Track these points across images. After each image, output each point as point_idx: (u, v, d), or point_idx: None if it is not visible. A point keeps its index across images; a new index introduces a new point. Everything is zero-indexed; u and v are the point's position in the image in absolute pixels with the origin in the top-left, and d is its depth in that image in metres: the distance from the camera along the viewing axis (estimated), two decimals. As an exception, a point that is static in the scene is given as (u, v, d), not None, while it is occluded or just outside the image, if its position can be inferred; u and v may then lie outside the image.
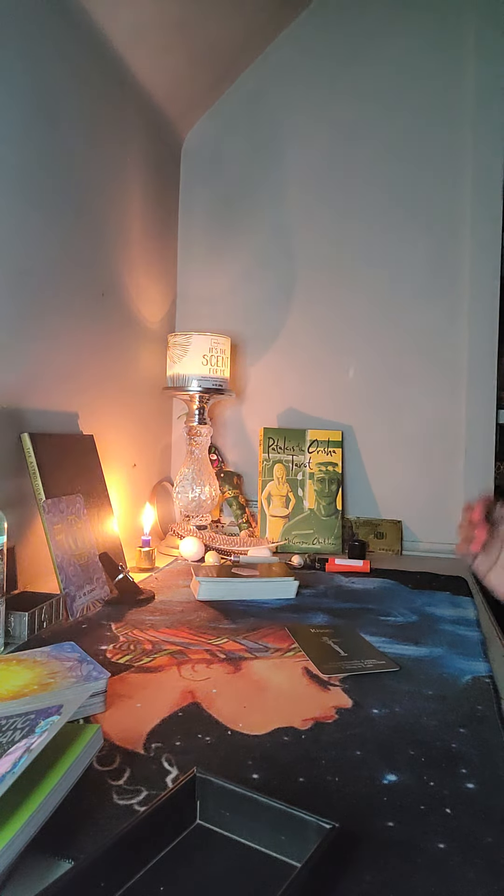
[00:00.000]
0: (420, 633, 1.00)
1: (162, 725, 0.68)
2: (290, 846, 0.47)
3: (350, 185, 1.74)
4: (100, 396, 1.43)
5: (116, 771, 0.59)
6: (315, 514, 1.64)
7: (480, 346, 1.62)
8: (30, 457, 1.10)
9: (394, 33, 1.69)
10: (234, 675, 0.82)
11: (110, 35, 1.36)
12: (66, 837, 0.49)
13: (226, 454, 1.85)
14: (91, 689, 0.69)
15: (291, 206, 1.78)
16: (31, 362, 1.18)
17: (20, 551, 1.11)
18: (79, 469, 1.23)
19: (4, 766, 0.48)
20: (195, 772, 0.52)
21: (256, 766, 0.60)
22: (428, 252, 1.69)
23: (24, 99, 1.12)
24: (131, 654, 0.87)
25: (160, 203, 1.73)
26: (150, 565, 1.37)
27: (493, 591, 0.79)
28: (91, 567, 1.11)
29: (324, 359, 1.77)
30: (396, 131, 1.70)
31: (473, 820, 0.53)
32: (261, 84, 1.79)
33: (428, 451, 1.69)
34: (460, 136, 1.65)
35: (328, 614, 1.09)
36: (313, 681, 0.81)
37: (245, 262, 1.82)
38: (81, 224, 1.33)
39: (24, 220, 1.14)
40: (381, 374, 1.73)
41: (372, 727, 0.69)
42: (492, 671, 0.85)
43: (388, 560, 1.57)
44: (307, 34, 1.75)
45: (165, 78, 1.59)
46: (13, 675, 0.73)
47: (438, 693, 0.78)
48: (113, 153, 1.46)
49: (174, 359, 1.59)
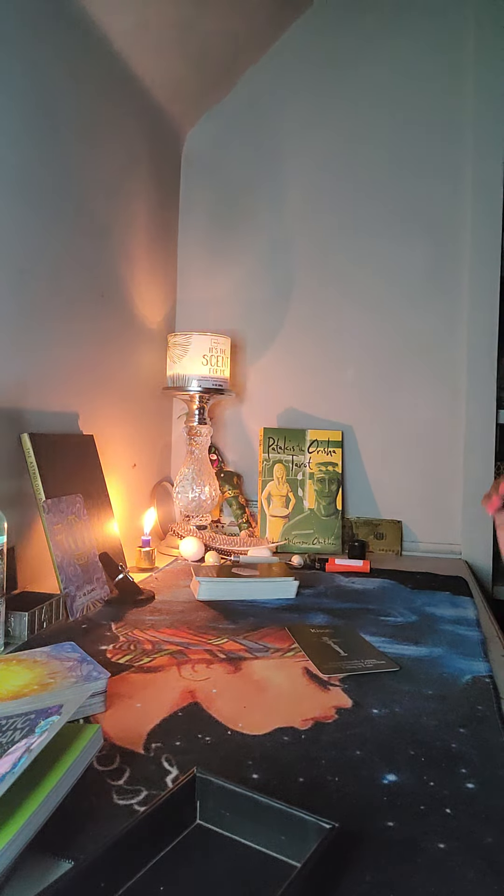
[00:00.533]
0: (420, 632, 1.00)
1: (162, 725, 0.68)
2: (290, 846, 0.47)
3: (350, 185, 1.74)
4: (100, 396, 1.43)
5: (116, 771, 0.59)
6: (315, 514, 1.64)
7: (480, 346, 1.62)
8: (30, 457, 1.10)
9: (394, 35, 1.69)
10: (234, 675, 0.82)
11: (110, 35, 1.36)
12: (66, 837, 0.49)
13: (226, 454, 1.85)
14: (91, 689, 0.69)
15: (291, 206, 1.78)
16: (32, 362, 1.18)
17: (20, 551, 1.11)
18: (79, 469, 1.23)
19: (4, 766, 0.48)
20: (195, 772, 0.52)
21: (256, 766, 0.60)
22: (428, 252, 1.69)
23: (24, 99, 1.12)
24: (131, 654, 0.87)
25: (160, 203, 1.73)
26: (150, 565, 1.37)
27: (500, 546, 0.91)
28: (91, 567, 1.11)
29: (324, 359, 1.77)
30: (396, 132, 1.70)
31: (473, 820, 0.53)
32: (261, 85, 1.79)
33: (428, 452, 1.69)
34: (460, 138, 1.65)
35: (328, 614, 1.09)
36: (313, 681, 0.81)
37: (245, 262, 1.82)
38: (81, 224, 1.34)
39: (24, 221, 1.14)
40: (381, 374, 1.73)
41: (372, 727, 0.69)
42: (492, 671, 0.85)
43: (388, 560, 1.57)
44: (307, 35, 1.75)
45: (165, 78, 1.59)
46: (13, 675, 0.73)
47: (438, 693, 0.78)
48: (113, 153, 1.46)
49: (174, 359, 1.59)
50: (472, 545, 1.63)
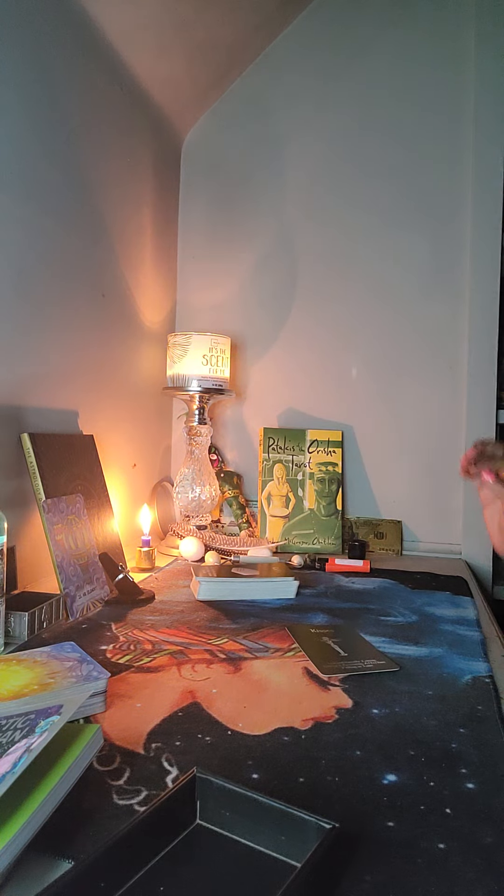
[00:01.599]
0: (420, 633, 1.00)
1: (162, 725, 0.68)
2: (290, 846, 0.47)
3: (350, 185, 1.74)
4: (100, 396, 1.43)
5: (116, 771, 0.59)
6: (315, 514, 1.64)
7: (480, 346, 1.62)
8: (30, 457, 1.10)
9: (393, 29, 1.69)
10: (234, 675, 0.82)
11: (110, 35, 1.36)
12: (66, 837, 0.49)
13: (226, 454, 1.85)
14: (91, 689, 0.69)
15: (292, 205, 1.78)
16: (32, 362, 1.18)
17: (20, 551, 1.11)
18: (79, 469, 1.23)
19: (4, 766, 0.48)
20: (195, 772, 0.52)
21: (256, 766, 0.60)
22: (428, 252, 1.69)
23: (24, 99, 1.12)
24: (131, 654, 0.87)
25: (160, 202, 1.73)
26: (150, 565, 1.37)
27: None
28: (91, 567, 1.11)
29: (324, 359, 1.77)
30: (396, 130, 1.70)
31: (473, 820, 0.53)
32: (261, 83, 1.79)
33: (428, 451, 1.69)
34: (461, 131, 1.65)
35: (328, 614, 1.09)
36: (313, 681, 0.81)
37: (245, 261, 1.82)
38: (82, 224, 1.34)
39: (24, 221, 1.14)
40: (382, 373, 1.73)
41: (372, 727, 0.69)
42: (492, 671, 0.85)
43: (388, 560, 1.57)
44: (307, 33, 1.75)
45: (165, 77, 1.59)
46: (13, 675, 0.73)
47: (438, 693, 0.78)
48: (113, 153, 1.46)
49: (174, 359, 1.59)
50: (472, 545, 1.63)
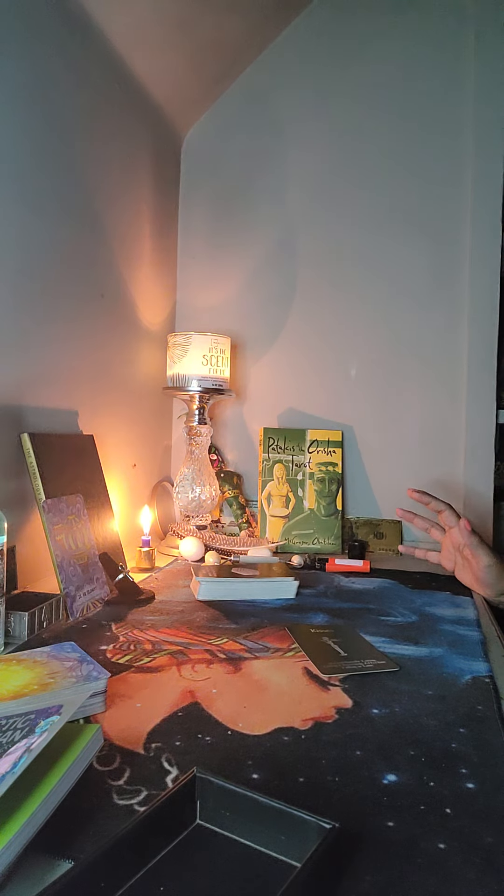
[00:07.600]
0: (420, 632, 1.00)
1: (162, 725, 0.68)
2: (290, 846, 0.47)
3: (351, 185, 1.74)
4: (100, 396, 1.43)
5: (116, 771, 0.59)
6: (315, 514, 1.64)
7: (480, 346, 1.62)
8: (30, 457, 1.10)
9: (394, 33, 1.69)
10: (235, 675, 0.82)
11: (110, 35, 1.36)
12: (66, 837, 0.49)
13: (226, 454, 1.85)
14: (91, 689, 0.69)
15: (292, 206, 1.78)
16: (31, 362, 1.18)
17: (20, 551, 1.11)
18: (79, 469, 1.23)
19: (4, 766, 0.48)
20: (195, 772, 0.52)
21: (256, 766, 0.60)
22: (428, 253, 1.69)
23: (23, 98, 1.12)
24: (131, 654, 0.87)
25: (160, 202, 1.73)
26: (150, 565, 1.37)
27: None
28: (91, 567, 1.11)
29: (324, 359, 1.77)
30: (397, 131, 1.70)
31: (473, 820, 0.53)
32: (261, 84, 1.79)
33: (428, 452, 1.69)
34: (461, 137, 1.65)
35: (328, 614, 1.09)
36: (313, 681, 0.81)
37: (245, 262, 1.82)
38: (81, 224, 1.34)
39: (23, 221, 1.14)
40: (382, 373, 1.73)
41: (372, 727, 0.69)
42: (492, 671, 0.85)
43: (388, 560, 1.57)
44: (307, 34, 1.75)
45: (165, 77, 1.59)
46: (13, 675, 0.73)
47: (438, 693, 0.78)
48: (112, 153, 1.46)
49: (174, 359, 1.59)
50: (472, 545, 1.63)
